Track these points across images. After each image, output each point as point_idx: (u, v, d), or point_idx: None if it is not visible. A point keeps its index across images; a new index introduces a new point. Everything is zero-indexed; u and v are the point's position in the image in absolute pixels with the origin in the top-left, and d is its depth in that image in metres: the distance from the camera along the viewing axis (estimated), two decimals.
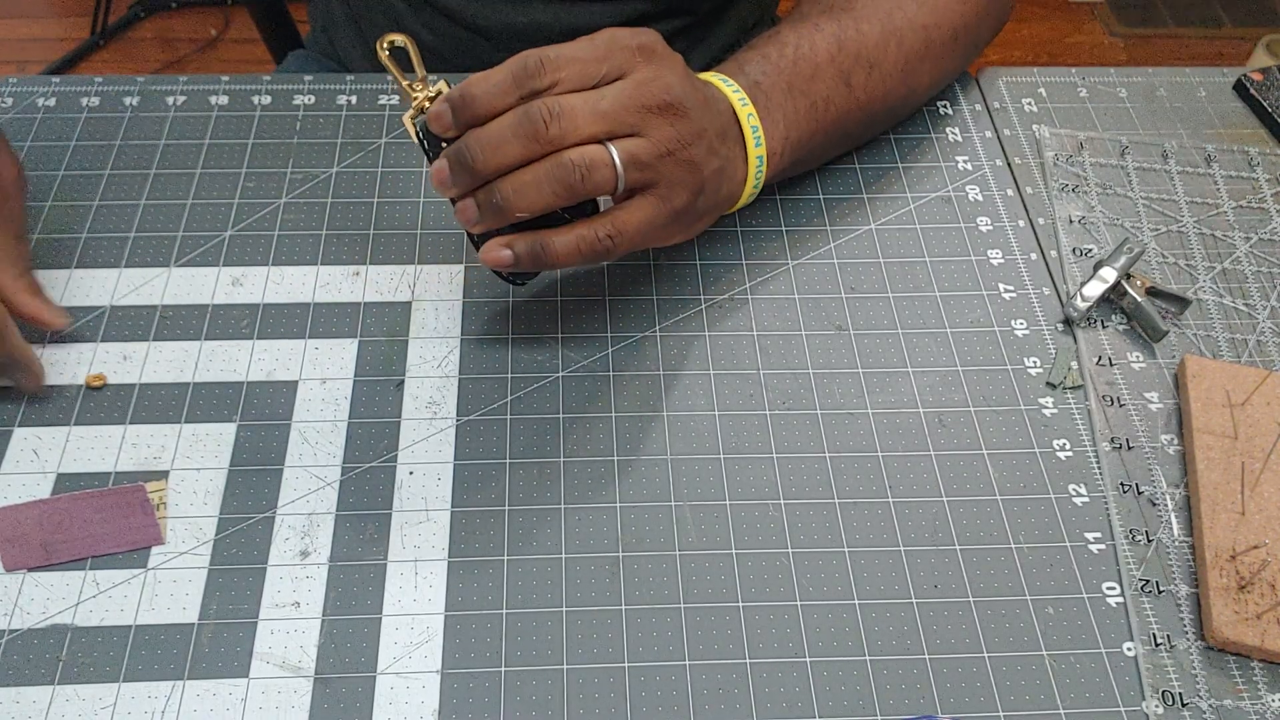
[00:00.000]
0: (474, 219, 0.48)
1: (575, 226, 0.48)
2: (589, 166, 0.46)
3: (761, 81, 0.55)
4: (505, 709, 0.44)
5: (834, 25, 0.58)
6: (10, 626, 0.46)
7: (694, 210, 0.51)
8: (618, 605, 0.47)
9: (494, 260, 0.49)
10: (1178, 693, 0.45)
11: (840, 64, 0.57)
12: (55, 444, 0.51)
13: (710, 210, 0.53)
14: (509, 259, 0.48)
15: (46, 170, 0.62)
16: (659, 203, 0.49)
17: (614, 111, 0.47)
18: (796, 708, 0.45)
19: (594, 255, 0.49)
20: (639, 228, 0.49)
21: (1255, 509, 0.49)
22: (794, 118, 0.56)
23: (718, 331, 0.57)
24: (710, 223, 0.55)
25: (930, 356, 0.56)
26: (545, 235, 0.48)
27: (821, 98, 0.57)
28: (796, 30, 0.58)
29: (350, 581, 0.47)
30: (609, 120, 0.46)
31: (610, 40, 0.48)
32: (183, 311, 0.56)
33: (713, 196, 0.52)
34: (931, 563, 0.49)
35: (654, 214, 0.49)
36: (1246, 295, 0.59)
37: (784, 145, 0.56)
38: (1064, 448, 0.53)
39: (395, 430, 0.52)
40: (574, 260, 0.49)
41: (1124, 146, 0.66)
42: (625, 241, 0.49)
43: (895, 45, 0.59)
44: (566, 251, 0.48)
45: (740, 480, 0.51)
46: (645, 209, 0.49)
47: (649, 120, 0.47)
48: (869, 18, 0.59)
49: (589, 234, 0.48)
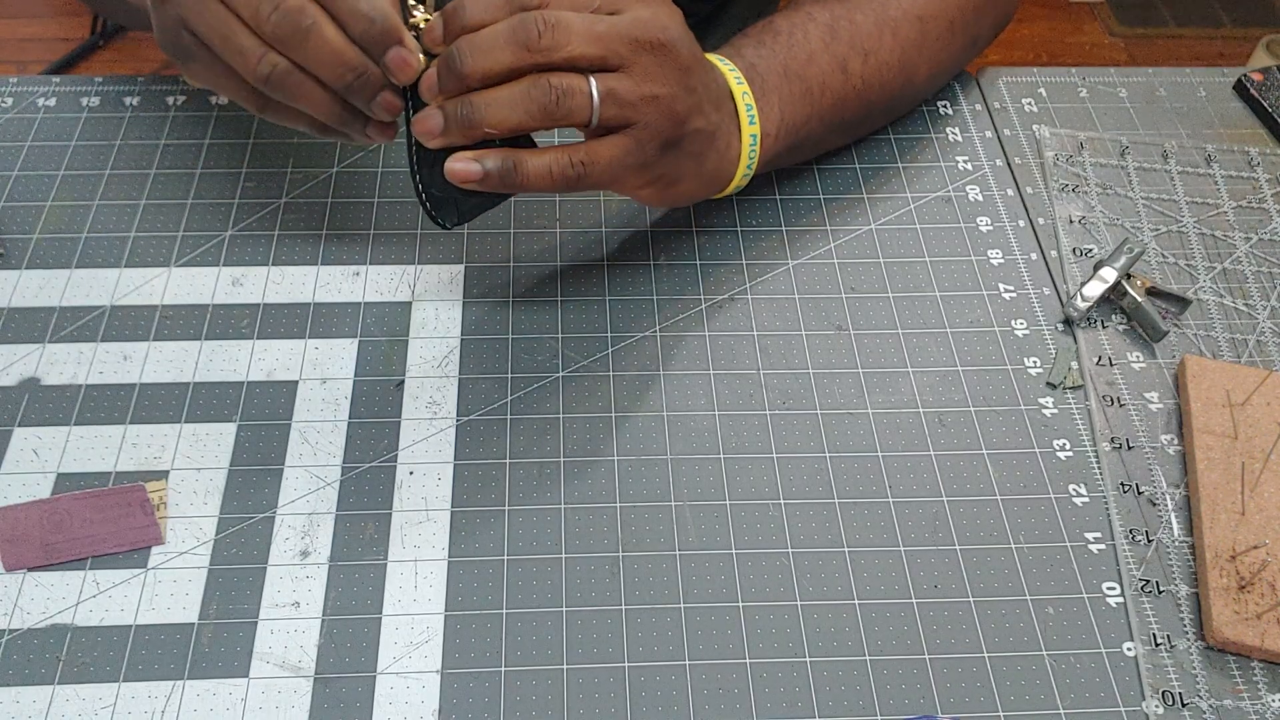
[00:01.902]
0: (437, 129, 0.46)
1: (549, 150, 0.47)
2: (566, 92, 0.45)
3: (757, 64, 0.55)
4: (505, 709, 0.44)
5: (827, 14, 0.59)
6: (10, 626, 0.46)
7: (671, 167, 0.51)
8: (618, 605, 0.47)
9: (462, 174, 0.46)
10: (1178, 693, 0.45)
11: (835, 50, 0.58)
12: (55, 444, 0.51)
13: (695, 177, 0.53)
14: (478, 173, 0.47)
15: (46, 170, 0.62)
16: (632, 144, 0.48)
17: (608, 37, 0.46)
18: (796, 708, 0.45)
19: (564, 182, 0.47)
20: (610, 163, 0.48)
21: (1255, 509, 0.49)
22: (789, 100, 0.56)
23: (718, 331, 0.57)
24: (700, 194, 0.55)
25: (930, 356, 0.56)
26: (519, 153, 0.47)
27: (817, 82, 0.57)
28: (790, 19, 0.58)
29: (350, 581, 0.47)
30: (602, 44, 0.46)
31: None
32: (183, 311, 0.56)
33: (696, 161, 0.52)
34: (931, 563, 0.49)
35: (625, 153, 0.48)
36: (1246, 295, 0.59)
37: (779, 127, 0.56)
38: (1064, 448, 0.53)
39: (395, 430, 0.52)
40: (543, 184, 0.47)
41: (1124, 146, 0.66)
42: (595, 173, 0.48)
43: (890, 34, 0.59)
44: (538, 174, 0.47)
45: (740, 480, 0.51)
46: (618, 146, 0.48)
47: (640, 57, 0.47)
48: (863, 7, 0.59)
49: (562, 158, 0.47)
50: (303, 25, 0.43)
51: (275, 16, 0.43)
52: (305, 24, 0.43)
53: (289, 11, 0.43)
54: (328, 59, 0.44)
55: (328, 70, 0.44)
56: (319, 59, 0.44)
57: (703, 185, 0.54)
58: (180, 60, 0.47)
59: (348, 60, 0.44)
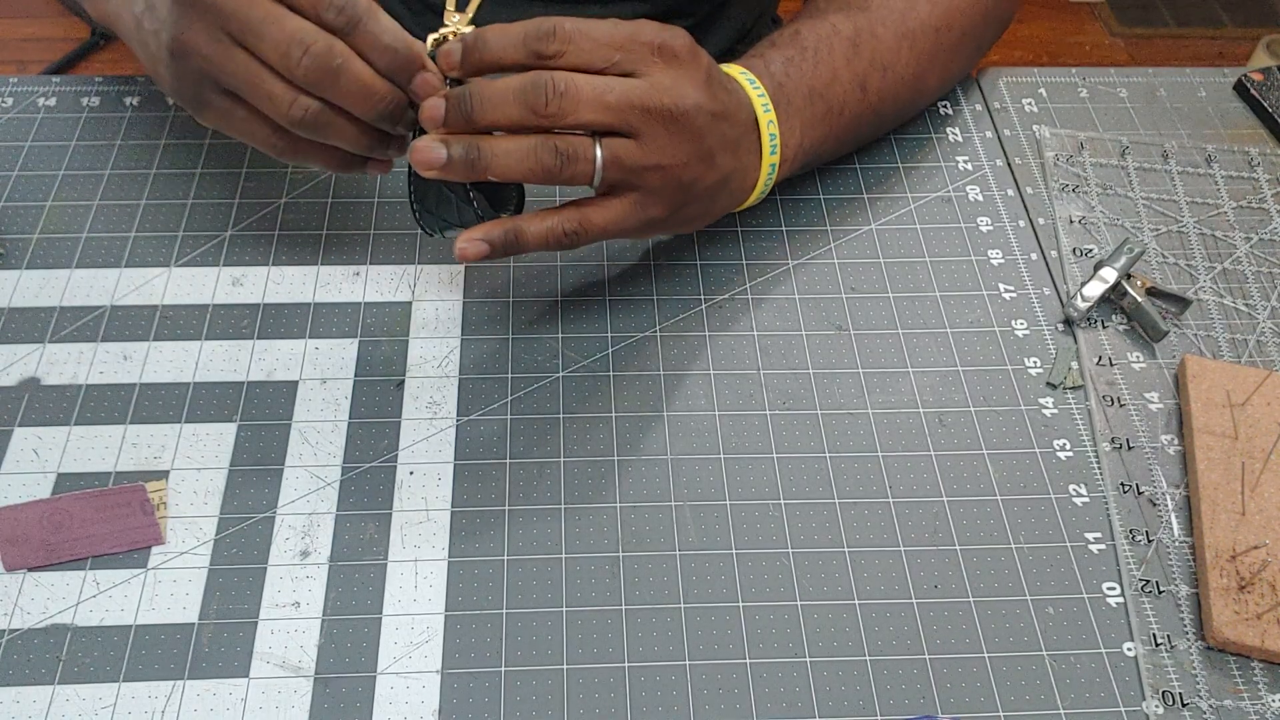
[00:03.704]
0: (438, 163, 0.46)
1: (547, 217, 0.48)
2: (570, 157, 0.46)
3: (785, 84, 0.55)
4: (505, 709, 0.44)
5: (850, 26, 0.58)
6: (10, 626, 0.46)
7: (675, 219, 0.51)
8: (618, 605, 0.47)
9: (474, 255, 0.48)
10: (1178, 693, 0.45)
11: (856, 68, 0.57)
12: (55, 444, 0.51)
13: (704, 215, 0.53)
14: (485, 250, 0.48)
15: (46, 170, 0.62)
16: (632, 208, 0.49)
17: (618, 107, 0.46)
18: (796, 708, 0.45)
19: (559, 245, 0.49)
20: (604, 227, 0.49)
21: (1255, 509, 0.49)
22: (810, 123, 0.56)
23: (718, 331, 0.57)
24: (708, 224, 0.55)
25: (930, 356, 0.56)
26: (519, 224, 0.48)
27: (838, 103, 0.57)
28: (816, 31, 0.58)
29: (350, 581, 0.47)
30: (611, 114, 0.46)
31: (633, 32, 0.47)
32: (183, 311, 0.56)
33: (704, 206, 0.52)
34: (931, 563, 0.49)
35: (623, 217, 0.49)
36: (1247, 295, 0.59)
37: (797, 152, 0.56)
38: (1064, 448, 0.53)
39: (395, 430, 0.52)
40: (542, 248, 0.49)
41: (1124, 147, 0.66)
42: (589, 237, 0.49)
43: (909, 48, 0.59)
44: (537, 241, 0.48)
45: (740, 480, 0.51)
46: (616, 210, 0.49)
47: (650, 126, 0.47)
48: (884, 20, 0.59)
49: (556, 227, 0.48)
50: (333, 65, 0.44)
51: (306, 60, 0.44)
52: (335, 64, 0.44)
53: (319, 54, 0.44)
54: (360, 94, 0.45)
55: (361, 104, 0.45)
56: (351, 95, 0.45)
57: (712, 218, 0.55)
58: (196, 109, 0.48)
59: (378, 92, 0.45)
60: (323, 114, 0.45)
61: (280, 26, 0.44)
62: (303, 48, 0.43)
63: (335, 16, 0.44)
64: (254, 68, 0.45)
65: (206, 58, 0.45)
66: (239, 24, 0.44)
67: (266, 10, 0.44)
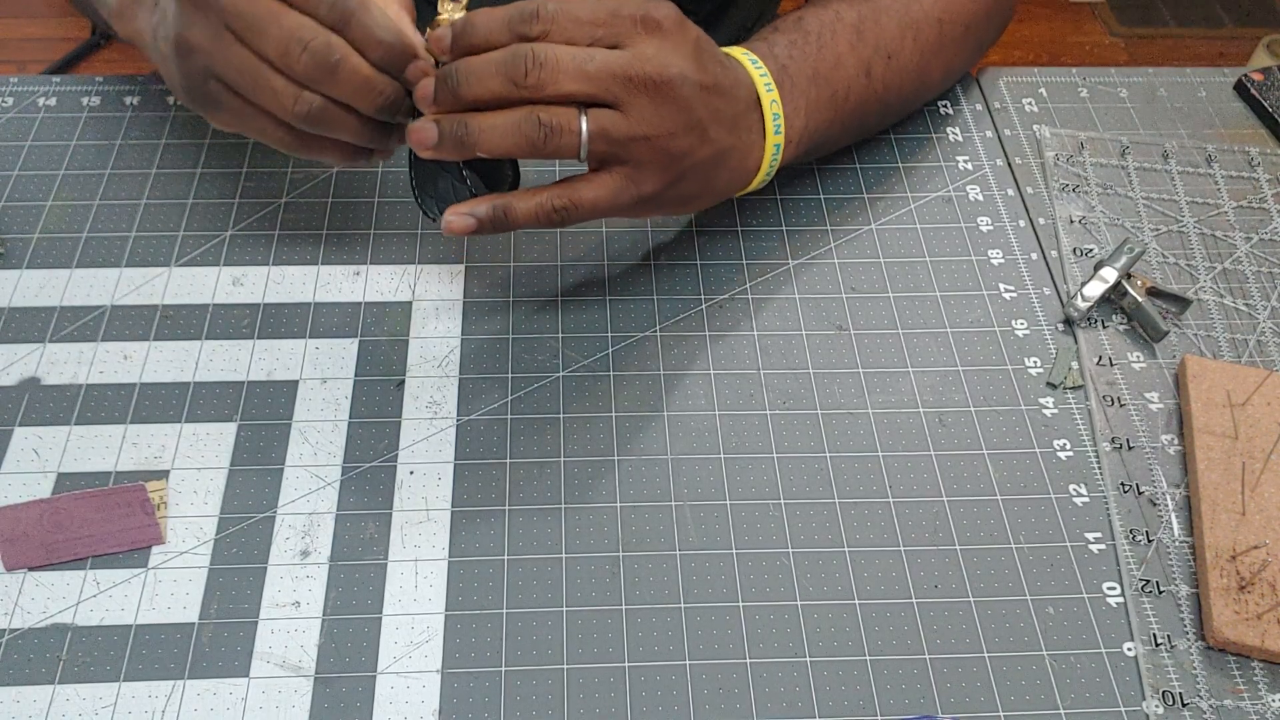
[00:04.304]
0: (431, 142, 0.47)
1: (537, 194, 0.48)
2: (555, 129, 0.46)
3: (789, 66, 0.55)
4: (505, 709, 0.44)
5: (854, 14, 0.58)
6: (10, 626, 0.46)
7: (671, 197, 0.51)
8: (618, 605, 0.47)
9: (460, 229, 0.48)
10: (1178, 693, 0.45)
11: (860, 54, 0.57)
12: (55, 444, 0.51)
13: (705, 194, 0.53)
14: (472, 225, 0.48)
15: (46, 170, 0.62)
16: (623, 183, 0.49)
17: (598, 76, 0.46)
18: (796, 708, 0.45)
19: (549, 222, 0.49)
20: (595, 203, 0.49)
21: (1255, 509, 0.49)
22: (815, 106, 0.56)
23: (718, 331, 0.57)
24: (712, 204, 0.55)
25: (930, 356, 0.56)
26: (509, 200, 0.48)
27: (842, 87, 0.57)
28: (820, 17, 0.58)
29: (350, 581, 0.47)
30: (591, 83, 0.46)
31: (615, 7, 0.47)
32: (183, 311, 0.56)
33: (701, 183, 0.52)
34: (931, 563, 0.49)
35: (614, 193, 0.49)
36: (1247, 295, 0.59)
37: (801, 134, 0.56)
38: (1064, 448, 0.53)
39: (395, 430, 0.52)
40: (532, 225, 0.49)
41: (1124, 146, 0.66)
42: (579, 214, 0.49)
43: (912, 37, 0.59)
44: (526, 217, 0.48)
45: (740, 480, 0.51)
46: (606, 186, 0.49)
47: (633, 96, 0.47)
48: (888, 9, 0.59)
49: (546, 203, 0.48)
50: (332, 60, 0.44)
51: (305, 56, 0.44)
52: (334, 59, 0.44)
53: (317, 51, 0.44)
54: (359, 87, 0.45)
55: (360, 97, 0.46)
56: (351, 89, 0.45)
57: (715, 198, 0.54)
58: (206, 109, 0.48)
59: (376, 84, 0.46)
60: (327, 109, 0.46)
61: (280, 23, 0.44)
62: (302, 44, 0.44)
63: (328, 12, 0.45)
64: (256, 64, 0.45)
65: (209, 54, 0.45)
66: (240, 21, 0.44)
67: (267, 7, 0.44)
